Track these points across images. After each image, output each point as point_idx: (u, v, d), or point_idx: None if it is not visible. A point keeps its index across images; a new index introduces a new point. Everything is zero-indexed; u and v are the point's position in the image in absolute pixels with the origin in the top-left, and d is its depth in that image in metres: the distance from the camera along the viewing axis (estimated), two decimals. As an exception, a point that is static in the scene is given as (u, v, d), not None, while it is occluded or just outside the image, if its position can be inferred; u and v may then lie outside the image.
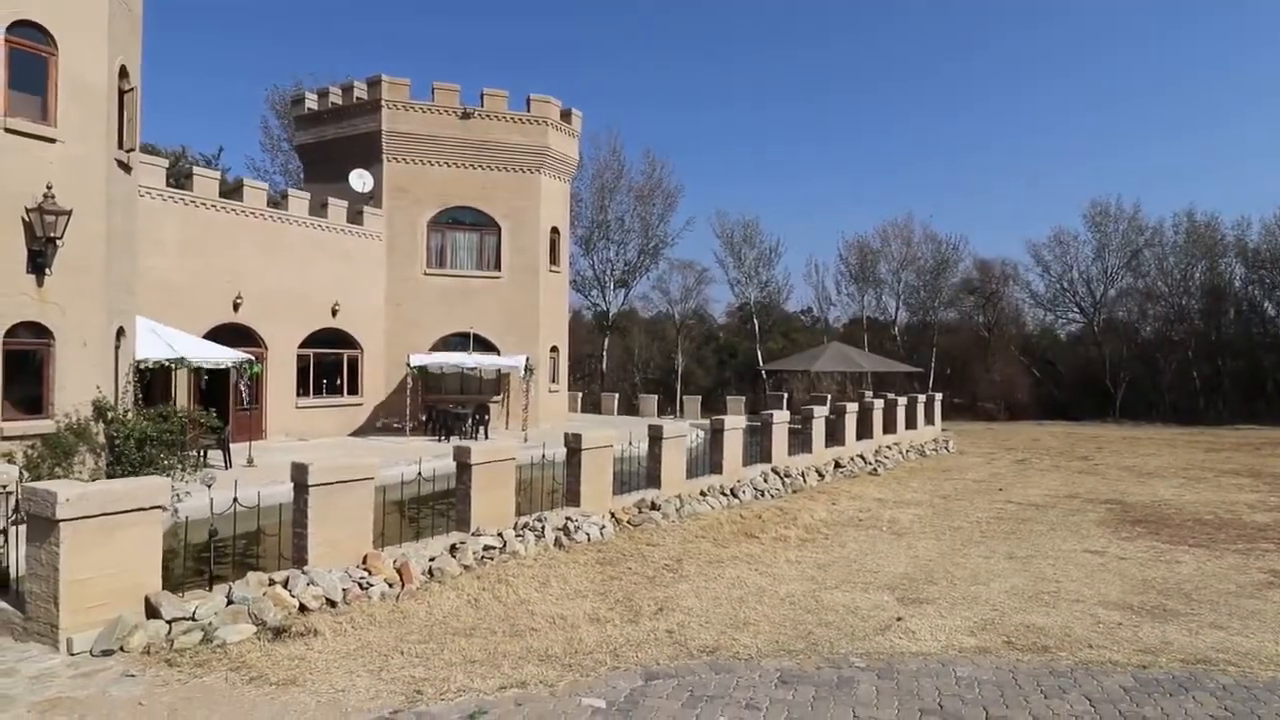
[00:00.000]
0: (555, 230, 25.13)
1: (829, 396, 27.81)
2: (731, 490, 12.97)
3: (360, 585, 7.21)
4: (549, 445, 12.02)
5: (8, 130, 10.56)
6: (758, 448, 15.28)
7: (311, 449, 17.11)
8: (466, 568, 8.19)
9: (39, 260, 10.81)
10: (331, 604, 6.87)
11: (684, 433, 12.61)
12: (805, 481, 14.94)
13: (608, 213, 40.92)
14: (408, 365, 21.34)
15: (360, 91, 23.18)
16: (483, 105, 23.38)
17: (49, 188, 10.77)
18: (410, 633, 6.45)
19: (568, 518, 9.91)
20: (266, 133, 38.24)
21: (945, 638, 6.72)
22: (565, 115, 25.15)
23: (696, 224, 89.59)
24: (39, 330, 10.92)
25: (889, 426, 20.90)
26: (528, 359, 22.37)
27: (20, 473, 7.34)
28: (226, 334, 18.23)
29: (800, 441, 16.52)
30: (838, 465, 16.77)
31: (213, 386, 17.82)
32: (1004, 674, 5.86)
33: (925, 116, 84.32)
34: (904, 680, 5.68)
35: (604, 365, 42.12)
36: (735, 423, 13.97)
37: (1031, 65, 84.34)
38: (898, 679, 5.70)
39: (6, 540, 6.42)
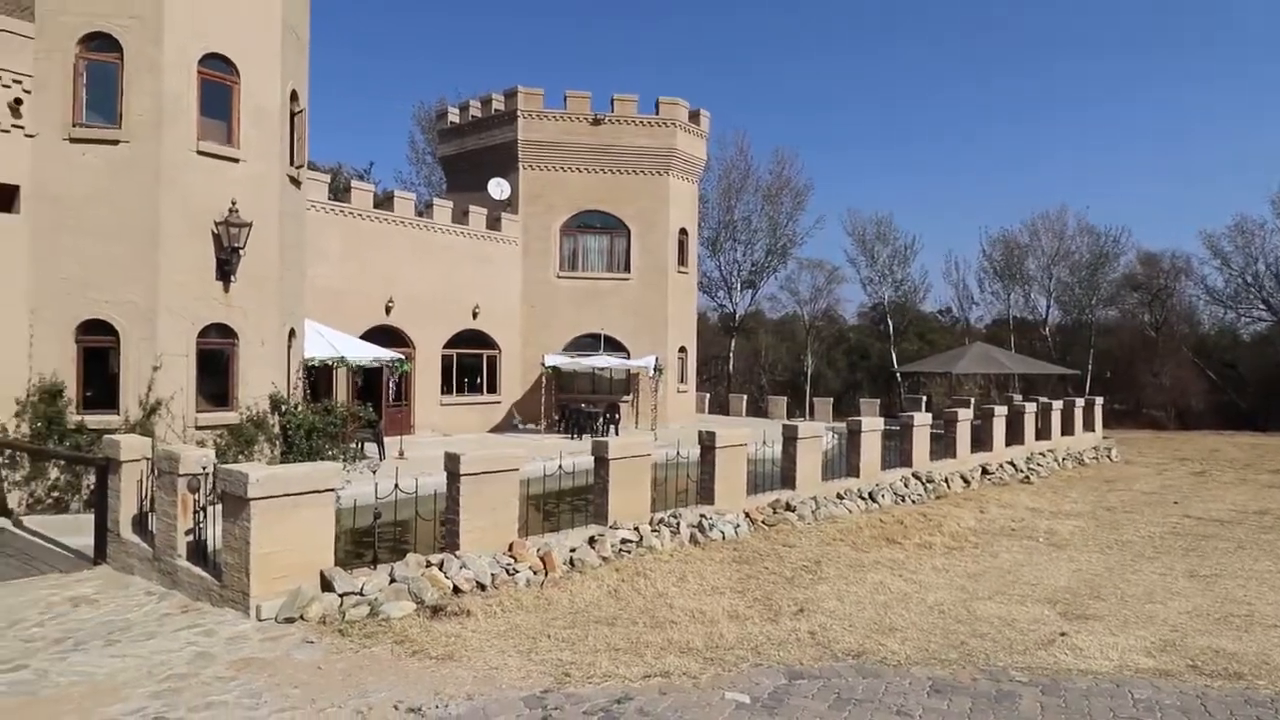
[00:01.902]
0: (683, 231, 25.26)
1: (972, 400, 26.32)
2: (870, 494, 12.53)
3: (507, 571, 7.52)
4: (679, 445, 12.07)
5: (200, 153, 11.82)
6: (896, 451, 14.68)
7: (455, 443, 17.99)
8: (605, 559, 8.37)
9: (225, 268, 12.02)
10: (481, 587, 7.20)
11: (819, 434, 12.31)
12: (949, 487, 14.21)
13: (734, 213, 40.67)
14: (542, 365, 22.09)
15: (498, 103, 24.26)
16: (613, 110, 23.87)
17: (233, 203, 11.96)
18: (555, 618, 6.65)
19: (702, 515, 9.92)
20: (413, 147, 40.83)
21: (1118, 657, 6.19)
22: (693, 116, 25.24)
23: (827, 222, 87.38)
24: (225, 331, 12.13)
25: (1043, 432, 19.51)
26: (657, 359, 22.59)
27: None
28: (379, 335, 19.56)
29: (943, 446, 15.73)
30: (985, 471, 15.83)
31: (368, 383, 19.22)
32: (1190, 699, 5.32)
33: (1079, 107, 78.25)
34: (1072, 698, 5.27)
35: (731, 366, 41.87)
36: (873, 425, 13.49)
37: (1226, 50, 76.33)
38: (1065, 696, 5.30)
39: (206, 516, 7.18)
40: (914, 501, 13.06)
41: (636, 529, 9.04)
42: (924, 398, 28.63)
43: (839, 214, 68.63)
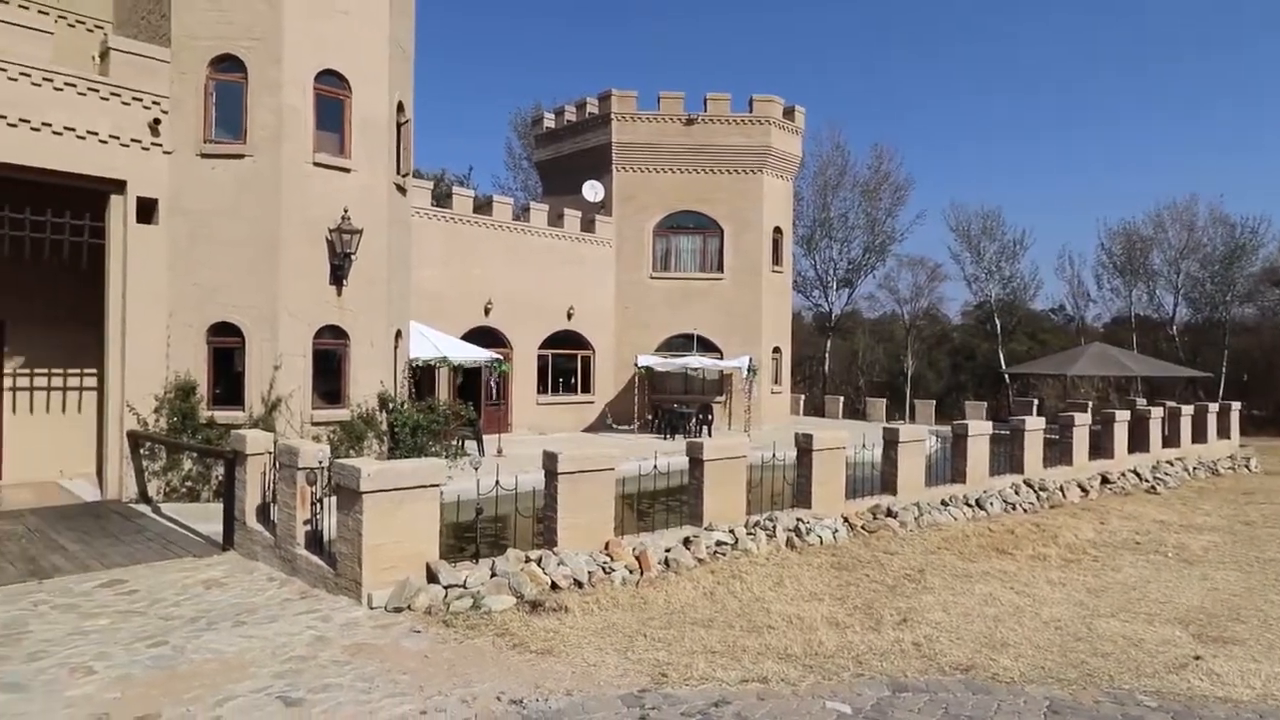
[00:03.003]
0: (778, 230, 24.89)
1: (1089, 403, 24.73)
2: (976, 501, 11.96)
3: (603, 569, 7.59)
4: (772, 446, 11.89)
5: (315, 164, 12.50)
6: (1005, 457, 13.96)
7: (552, 442, 18.33)
8: (700, 561, 8.32)
9: (338, 273, 12.66)
10: (579, 584, 7.30)
11: (922, 437, 11.86)
12: (1064, 496, 13.38)
13: (830, 210, 39.76)
14: (635, 365, 22.23)
15: (592, 107, 24.58)
16: (706, 110, 23.78)
17: (345, 211, 12.59)
18: (651, 618, 6.66)
19: (798, 519, 9.72)
20: (509, 152, 41.97)
21: (1261, 685, 5.66)
22: (788, 113, 24.83)
23: (929, 217, 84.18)
24: (338, 332, 12.79)
25: (1170, 439, 18.13)
26: (751, 360, 22.34)
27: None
28: (479, 336, 20.18)
29: (1057, 452, 14.85)
30: (1104, 480, 14.83)
31: (467, 383, 19.86)
32: (1353, 737, 4.80)
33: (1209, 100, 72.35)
34: (1211, 728, 4.85)
35: (826, 367, 40.96)
36: (980, 428, 12.87)
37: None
38: (1202, 725, 4.89)
39: (322, 507, 7.58)
40: (1025, 510, 12.38)
41: (731, 531, 8.95)
42: (1035, 401, 27.13)
43: (941, 209, 66.04)
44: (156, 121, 11.75)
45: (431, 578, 6.82)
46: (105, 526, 9.83)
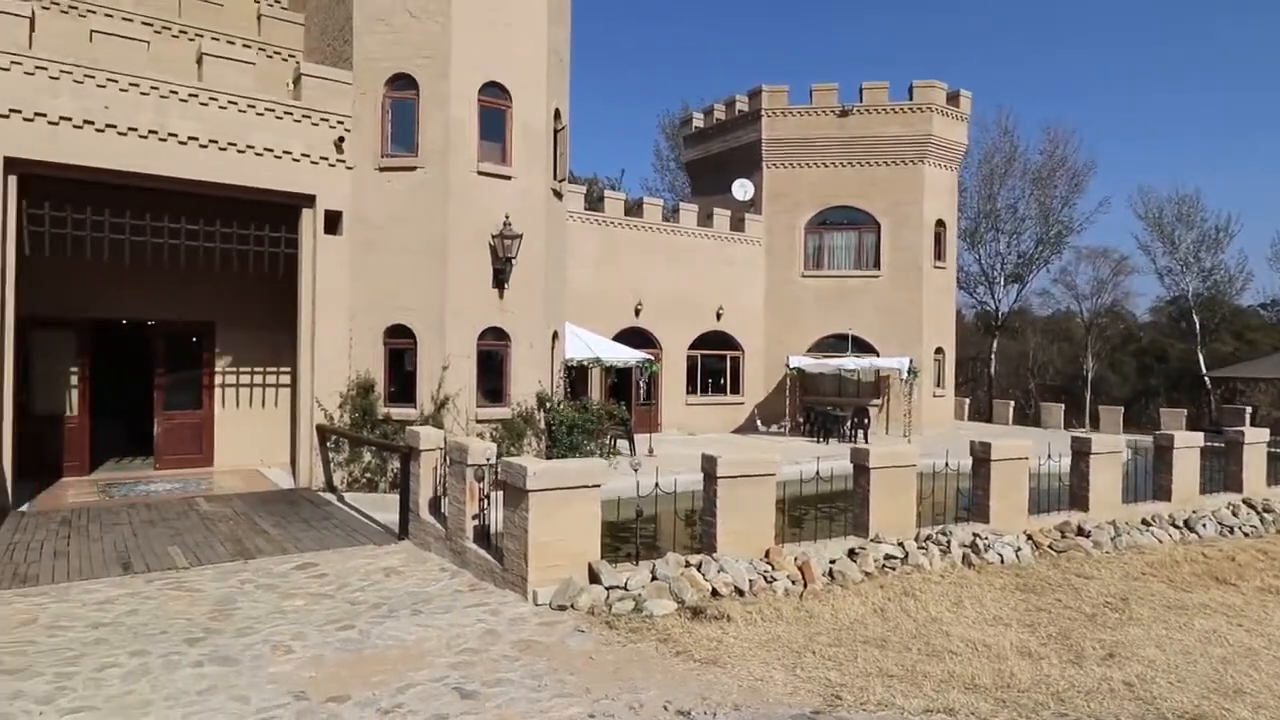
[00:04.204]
0: (940, 223, 23.43)
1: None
2: (1185, 522, 10.58)
3: (765, 578, 7.32)
4: (944, 454, 11.08)
5: (480, 173, 13.05)
6: (1217, 472, 12.29)
7: (702, 443, 18.24)
8: (868, 574, 7.85)
9: (500, 276, 13.15)
10: (740, 592, 7.07)
11: (1118, 448, 10.64)
12: (1294, 519, 11.57)
13: (996, 201, 37.04)
14: (787, 366, 21.66)
15: (741, 104, 24.23)
16: (861, 100, 22.79)
17: (506, 217, 13.05)
18: (819, 634, 6.32)
19: (975, 534, 8.97)
20: (657, 155, 42.34)
21: None
22: (952, 98, 23.31)
23: (1113, 205, 76.78)
24: (499, 334, 13.28)
25: None
26: (911, 361, 21.16)
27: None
28: (629, 336, 20.41)
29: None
30: (1345, 502, 12.69)
31: (618, 383, 20.14)
32: None
33: None
34: None
35: (992, 369, 38.20)
36: (1188, 440, 11.39)
37: None
38: None
39: (489, 503, 7.82)
40: (1247, 534, 10.81)
41: (901, 544, 8.39)
42: (1248, 409, 23.88)
43: (1127, 196, 59.81)
44: (341, 139, 12.71)
45: (593, 578, 6.83)
46: (298, 512, 10.72)
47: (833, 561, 7.88)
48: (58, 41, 10.89)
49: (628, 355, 17.74)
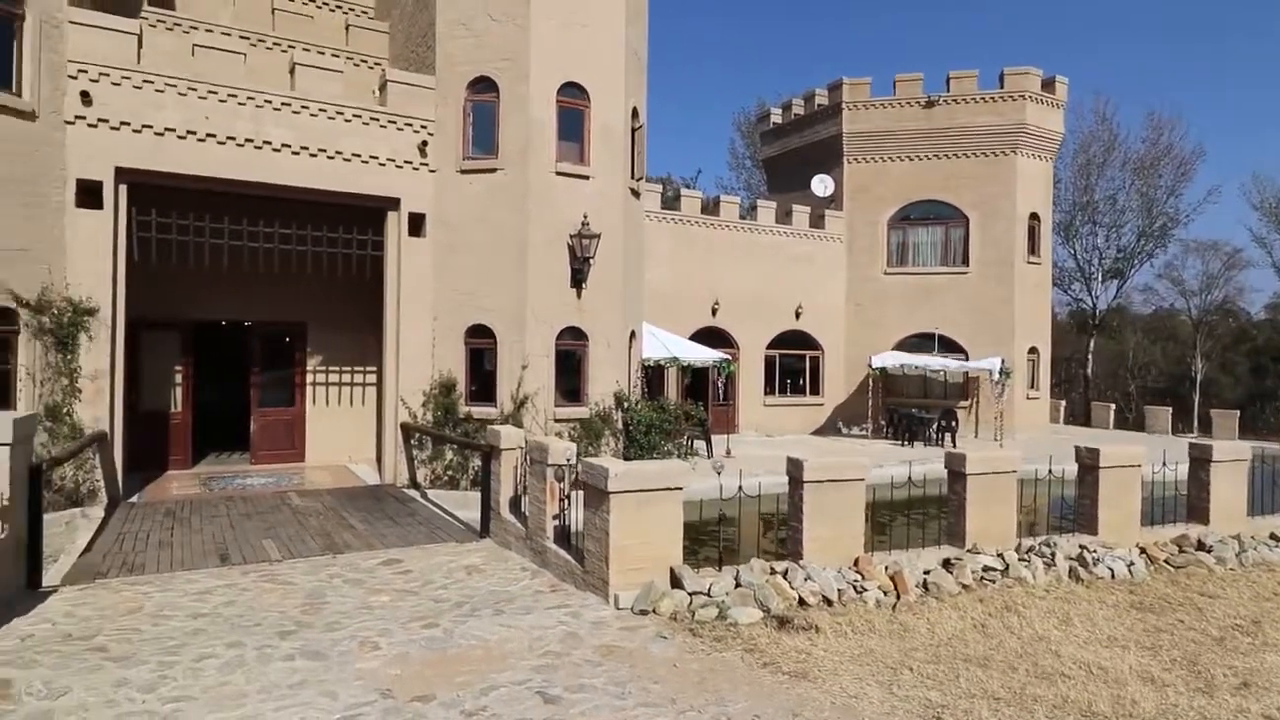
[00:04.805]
0: (1034, 216, 22.26)
1: None
2: (1321, 536, 9.64)
3: (854, 588, 6.99)
4: (1034, 459, 10.45)
5: (558, 174, 13.07)
6: (1357, 482, 11.16)
7: (780, 445, 17.84)
8: (965, 587, 7.41)
9: (578, 276, 13.15)
10: (828, 602, 6.78)
11: (1243, 455, 9.79)
12: None
13: (1094, 192, 35.06)
14: (869, 366, 20.98)
15: (821, 98, 23.64)
16: (949, 90, 21.88)
17: (584, 217, 13.03)
18: (915, 649, 5.97)
19: (1082, 546, 8.37)
20: (732, 152, 41.90)
21: None
22: (1047, 85, 22.13)
23: (1225, 195, 71.69)
24: (577, 334, 13.28)
25: None
26: (1003, 361, 20.18)
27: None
28: (705, 336, 20.16)
29: None
30: None
31: (695, 383, 19.91)
32: None
33: None
34: None
35: (1088, 370, 36.17)
36: (1323, 446, 10.39)
37: None
38: None
39: (569, 503, 7.76)
40: (1395, 553, 9.76)
41: (1000, 555, 7.90)
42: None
43: (1240, 185, 55.72)
44: (424, 143, 12.95)
45: (675, 582, 6.67)
46: (383, 508, 10.95)
47: (927, 572, 7.47)
48: (163, 57, 11.47)
49: (705, 355, 17.51)
